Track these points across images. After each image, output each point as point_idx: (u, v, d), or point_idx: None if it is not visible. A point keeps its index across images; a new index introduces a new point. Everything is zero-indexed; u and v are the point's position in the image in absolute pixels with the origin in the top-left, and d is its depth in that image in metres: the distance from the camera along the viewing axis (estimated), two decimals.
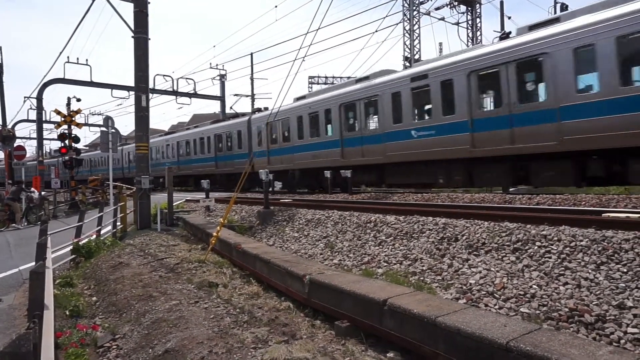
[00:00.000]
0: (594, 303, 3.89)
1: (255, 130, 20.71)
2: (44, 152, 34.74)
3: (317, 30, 8.05)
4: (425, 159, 12.85)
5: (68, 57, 25.38)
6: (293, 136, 18.14)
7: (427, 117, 13.19)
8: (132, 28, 12.12)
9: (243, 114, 24.45)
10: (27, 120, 35.88)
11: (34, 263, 6.15)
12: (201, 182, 16.87)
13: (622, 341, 3.41)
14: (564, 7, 21.27)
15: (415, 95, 13.16)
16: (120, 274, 7.12)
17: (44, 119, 27.69)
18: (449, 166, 12.49)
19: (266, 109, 22.92)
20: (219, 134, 23.90)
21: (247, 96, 34.55)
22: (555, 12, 21.07)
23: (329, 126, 16.41)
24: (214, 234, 8.01)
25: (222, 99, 31.84)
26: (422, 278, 5.33)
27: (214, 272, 7.07)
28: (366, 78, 15.42)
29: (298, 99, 18.91)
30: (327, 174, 15.70)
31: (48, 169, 35.62)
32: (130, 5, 12.17)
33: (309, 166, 17.46)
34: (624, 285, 4.02)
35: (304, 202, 11.98)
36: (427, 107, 13.40)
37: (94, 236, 10.01)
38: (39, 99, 24.72)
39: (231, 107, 28.31)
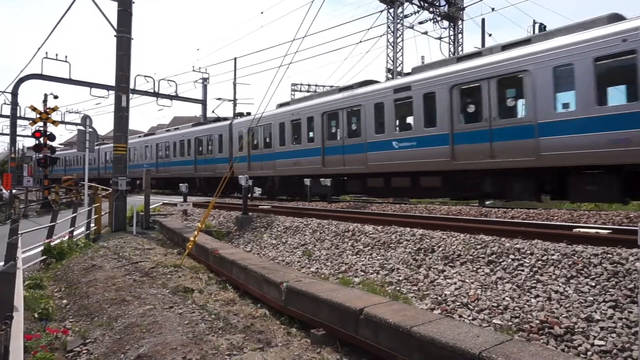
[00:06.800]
0: (563, 315, 4.00)
1: (237, 135, 20.59)
2: (17, 149, 33.79)
3: (303, 37, 8.08)
4: (406, 170, 13.00)
5: (47, 53, 24.76)
6: (275, 142, 18.05)
7: (409, 129, 13.40)
8: (115, 27, 11.97)
9: (225, 118, 24.24)
10: (1, 116, 34.79)
11: (1, 263, 5.97)
12: (179, 185, 16.60)
13: (589, 353, 3.52)
14: (542, 27, 21.99)
15: (398, 106, 13.31)
16: (92, 277, 6.95)
17: (18, 115, 26.97)
18: (429, 178, 12.66)
19: (249, 114, 22.77)
20: (200, 137, 23.66)
21: (230, 100, 34.38)
22: (534, 31, 21.75)
23: (311, 134, 16.38)
24: (191, 238, 7.91)
25: (203, 102, 31.62)
26: (398, 288, 5.39)
27: (189, 277, 6.98)
28: (350, 87, 15.48)
29: (281, 105, 18.86)
30: (307, 181, 15.70)
31: (20, 166, 34.65)
32: (114, 4, 12.03)
33: (290, 173, 17.39)
34: (592, 298, 4.15)
35: (283, 209, 11.96)
36: (409, 118, 13.56)
37: (67, 237, 9.76)
38: (14, 94, 24.12)
39: (213, 111, 28.13)
